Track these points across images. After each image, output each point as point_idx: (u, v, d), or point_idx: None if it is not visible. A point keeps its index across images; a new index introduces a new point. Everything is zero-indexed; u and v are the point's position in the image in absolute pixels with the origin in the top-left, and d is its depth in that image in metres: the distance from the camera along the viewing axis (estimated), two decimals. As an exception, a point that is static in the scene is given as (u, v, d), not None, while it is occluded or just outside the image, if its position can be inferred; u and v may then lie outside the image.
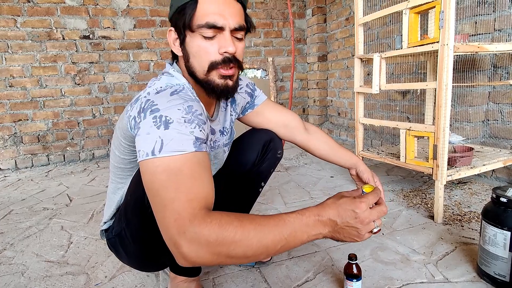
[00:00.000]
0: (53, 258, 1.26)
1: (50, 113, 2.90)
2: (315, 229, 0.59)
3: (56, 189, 2.19)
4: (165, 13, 3.12)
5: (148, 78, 3.15)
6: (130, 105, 0.70)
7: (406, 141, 1.47)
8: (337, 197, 0.63)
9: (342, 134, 3.24)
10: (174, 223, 0.55)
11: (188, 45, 0.71)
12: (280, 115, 1.03)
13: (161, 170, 0.58)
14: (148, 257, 0.83)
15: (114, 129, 0.81)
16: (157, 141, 0.59)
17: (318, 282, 1.01)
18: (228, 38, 0.69)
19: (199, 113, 0.65)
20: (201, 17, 0.68)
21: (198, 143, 0.62)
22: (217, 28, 0.68)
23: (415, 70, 2.28)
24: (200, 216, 0.55)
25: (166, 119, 0.60)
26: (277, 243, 0.56)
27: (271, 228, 0.56)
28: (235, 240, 0.53)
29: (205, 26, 0.67)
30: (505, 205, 0.89)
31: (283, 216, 0.58)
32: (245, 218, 0.56)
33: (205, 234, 0.53)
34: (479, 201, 1.57)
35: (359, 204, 0.59)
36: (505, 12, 1.69)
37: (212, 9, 0.67)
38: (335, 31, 3.31)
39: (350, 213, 0.59)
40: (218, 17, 0.67)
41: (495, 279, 0.92)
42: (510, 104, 1.72)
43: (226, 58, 0.70)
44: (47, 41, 2.80)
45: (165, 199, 0.56)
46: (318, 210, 0.60)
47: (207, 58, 0.70)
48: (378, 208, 0.61)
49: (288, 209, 1.60)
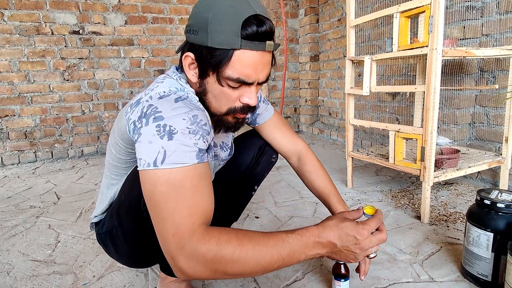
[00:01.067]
0: (40, 257, 1.24)
1: (38, 109, 2.85)
2: (314, 250, 0.59)
3: (43, 186, 2.16)
4: (157, 10, 3.09)
5: (140, 75, 3.12)
6: (130, 107, 0.67)
7: (395, 142, 1.49)
8: (339, 219, 0.63)
9: (333, 134, 3.27)
10: (172, 238, 0.55)
11: (209, 83, 0.68)
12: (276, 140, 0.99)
13: (162, 181, 0.57)
14: (139, 256, 0.83)
15: (112, 127, 0.80)
16: (160, 152, 0.57)
17: (307, 282, 1.03)
18: (253, 92, 0.68)
19: (204, 123, 0.63)
20: (234, 71, 0.64)
21: (201, 154, 0.61)
22: (246, 84, 0.66)
23: (404, 72, 2.31)
24: (199, 233, 0.55)
25: (171, 129, 0.59)
26: (274, 262, 0.57)
27: (269, 248, 0.56)
28: (233, 259, 0.54)
29: (235, 80, 0.65)
30: (489, 207, 0.92)
31: (283, 235, 0.59)
32: (245, 237, 0.57)
33: (203, 252, 0.53)
34: (465, 202, 1.61)
35: (362, 231, 0.60)
36: (492, 17, 1.73)
37: (247, 64, 0.63)
38: (327, 31, 3.33)
39: (352, 238, 0.60)
40: (251, 73, 0.65)
41: (478, 279, 0.94)
42: (495, 107, 1.76)
43: (246, 107, 0.70)
44: (35, 36, 2.74)
45: (165, 211, 0.56)
46: (319, 231, 0.60)
47: (227, 104, 0.69)
48: (378, 236, 0.62)
49: (279, 209, 1.61)
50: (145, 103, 0.63)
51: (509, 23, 1.65)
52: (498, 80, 1.74)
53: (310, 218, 1.50)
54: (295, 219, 1.50)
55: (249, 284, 1.02)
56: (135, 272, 1.12)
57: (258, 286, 1.01)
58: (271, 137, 1.00)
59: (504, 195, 0.94)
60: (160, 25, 3.12)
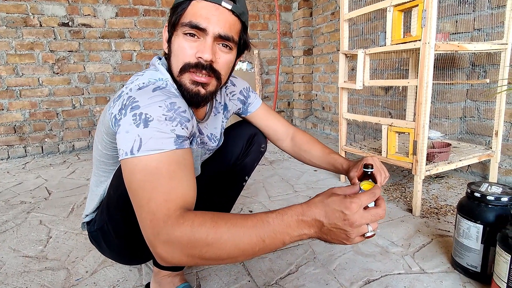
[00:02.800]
0: (31, 253, 1.23)
1: (27, 103, 2.79)
2: (298, 230, 0.54)
3: (34, 182, 2.12)
4: (148, 2, 3.03)
5: (131, 69, 3.07)
6: (113, 101, 0.68)
7: (387, 136, 1.50)
8: (326, 195, 0.57)
9: (326, 128, 3.28)
10: (149, 224, 0.54)
11: (172, 43, 0.71)
12: (269, 126, 1.02)
13: (139, 169, 0.57)
14: (131, 251, 0.83)
15: (98, 123, 0.80)
16: (136, 140, 0.58)
17: (300, 275, 1.04)
18: (207, 44, 0.67)
19: (182, 110, 0.63)
20: (188, 15, 0.67)
21: (180, 140, 0.61)
22: (199, 29, 0.66)
23: (397, 67, 2.32)
24: (174, 217, 0.54)
25: (146, 116, 0.59)
26: (254, 245, 0.53)
27: (247, 230, 0.53)
28: (207, 241, 0.52)
29: (188, 24, 0.66)
30: (478, 200, 0.93)
31: (262, 216, 0.54)
32: (220, 219, 0.54)
33: (177, 236, 0.52)
34: (455, 194, 1.64)
35: (349, 204, 0.53)
36: (484, 12, 1.74)
37: (200, 12, 0.66)
38: (321, 25, 3.32)
39: (339, 214, 0.53)
40: (204, 19, 0.66)
41: (468, 270, 0.96)
42: (486, 102, 1.79)
43: (200, 64, 0.68)
44: (23, 28, 2.67)
45: (142, 199, 0.56)
46: (303, 209, 0.55)
47: (183, 58, 0.68)
48: (372, 211, 0.54)
49: (272, 203, 1.62)
50: (125, 95, 0.64)
51: (501, 17, 1.66)
52: (489, 74, 1.76)
53: (303, 211, 1.51)
54: (289, 212, 1.50)
55: (243, 277, 1.03)
56: (128, 267, 1.11)
57: (252, 279, 1.02)
58: (265, 124, 1.02)
59: (493, 188, 0.96)
60: (152, 17, 3.07)
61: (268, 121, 1.03)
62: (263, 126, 1.03)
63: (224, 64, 0.71)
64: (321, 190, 1.79)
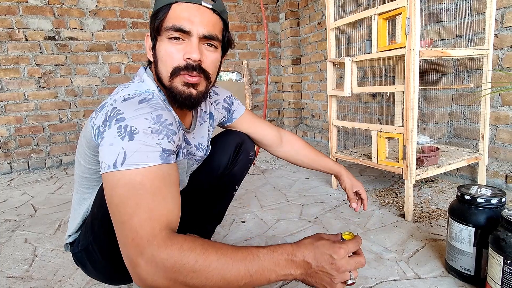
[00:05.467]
0: (16, 273, 1.18)
1: (12, 118, 2.74)
2: (286, 269, 0.55)
3: (19, 199, 2.06)
4: (136, 15, 3.04)
5: (120, 81, 3.05)
6: (95, 112, 0.66)
7: (377, 142, 1.51)
8: (315, 238, 0.59)
9: (317, 135, 3.30)
10: (131, 242, 0.52)
11: (157, 49, 0.70)
12: (255, 131, 1.03)
13: (122, 184, 0.55)
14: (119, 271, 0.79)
15: (79, 137, 0.77)
16: (120, 153, 0.55)
17: (295, 284, 1.02)
18: (194, 45, 0.66)
19: (169, 122, 0.62)
20: (170, 20, 0.66)
21: (166, 155, 0.59)
22: (184, 32, 0.66)
23: (384, 74, 2.36)
24: (160, 238, 0.51)
25: (132, 129, 0.57)
26: (240, 278, 0.52)
27: (237, 262, 0.52)
28: (195, 268, 0.50)
29: (171, 28, 0.66)
30: (469, 203, 0.93)
31: (253, 250, 0.54)
32: (211, 247, 0.52)
33: (163, 258, 0.50)
34: (446, 198, 1.65)
35: (338, 249, 0.56)
36: (465, 19, 1.79)
37: (182, 15, 0.66)
38: (308, 35, 3.37)
39: (327, 257, 0.55)
40: (187, 22, 0.66)
41: (462, 273, 0.96)
42: (471, 106, 1.82)
43: (190, 65, 0.67)
44: (8, 42, 2.64)
45: (124, 215, 0.53)
46: (293, 249, 0.56)
47: (171, 63, 0.67)
48: (356, 259, 0.58)
49: (265, 212, 1.60)
50: (109, 106, 0.62)
51: (481, 24, 1.71)
52: (473, 79, 1.80)
53: (296, 220, 1.50)
54: (282, 222, 1.49)
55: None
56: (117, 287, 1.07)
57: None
58: (253, 129, 1.02)
59: (483, 190, 0.96)
60: (139, 30, 3.07)
61: (256, 125, 1.03)
62: (251, 132, 1.03)
63: (211, 63, 0.71)
64: (313, 198, 1.80)
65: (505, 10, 1.64)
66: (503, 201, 0.91)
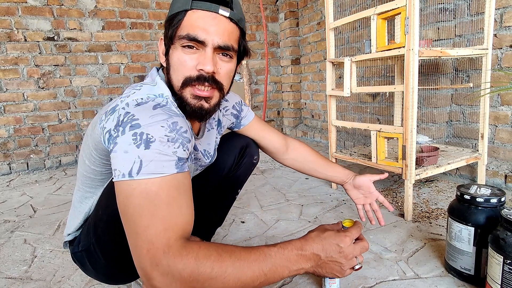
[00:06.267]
0: (15, 274, 1.17)
1: (12, 119, 2.73)
2: (297, 264, 0.57)
3: (18, 199, 2.06)
4: (135, 15, 3.04)
5: (119, 82, 3.05)
6: (105, 115, 0.63)
7: (377, 142, 1.51)
8: (320, 230, 0.61)
9: (316, 136, 3.30)
10: (147, 253, 0.51)
11: (170, 56, 0.67)
12: (262, 138, 1.03)
13: (137, 193, 0.54)
14: (119, 271, 0.79)
15: (85, 135, 0.76)
16: (136, 161, 0.54)
17: (294, 285, 1.02)
18: (208, 56, 0.64)
19: (184, 130, 0.60)
20: (184, 28, 0.64)
21: (181, 163, 0.58)
22: (198, 42, 0.63)
23: (383, 73, 2.36)
24: (176, 248, 0.51)
25: (148, 137, 0.55)
26: (255, 279, 0.53)
27: (250, 264, 0.53)
28: (212, 276, 0.50)
29: (185, 37, 0.63)
30: (469, 202, 0.93)
31: (264, 249, 0.56)
32: (225, 252, 0.53)
33: (179, 268, 0.50)
34: (445, 198, 1.65)
35: (344, 238, 0.58)
36: (464, 19, 1.79)
37: (197, 23, 0.63)
38: (307, 35, 3.37)
39: (335, 247, 0.58)
40: (202, 31, 0.63)
41: (462, 273, 0.96)
42: (470, 105, 1.83)
43: (202, 76, 0.65)
44: (7, 43, 2.63)
45: (139, 226, 0.53)
46: (302, 243, 0.58)
47: (183, 72, 0.65)
48: (361, 244, 0.61)
49: (265, 213, 1.60)
50: (122, 110, 0.59)
51: (480, 24, 1.71)
52: (472, 79, 1.80)
53: (296, 220, 1.50)
54: (281, 222, 1.49)
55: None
56: (116, 286, 1.07)
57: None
58: (261, 135, 1.02)
59: (482, 189, 0.96)
60: (139, 30, 3.07)
61: (264, 132, 1.03)
62: (258, 138, 1.02)
63: (225, 74, 0.69)
64: (313, 198, 1.79)
65: (504, 10, 1.64)
66: (502, 201, 0.91)
